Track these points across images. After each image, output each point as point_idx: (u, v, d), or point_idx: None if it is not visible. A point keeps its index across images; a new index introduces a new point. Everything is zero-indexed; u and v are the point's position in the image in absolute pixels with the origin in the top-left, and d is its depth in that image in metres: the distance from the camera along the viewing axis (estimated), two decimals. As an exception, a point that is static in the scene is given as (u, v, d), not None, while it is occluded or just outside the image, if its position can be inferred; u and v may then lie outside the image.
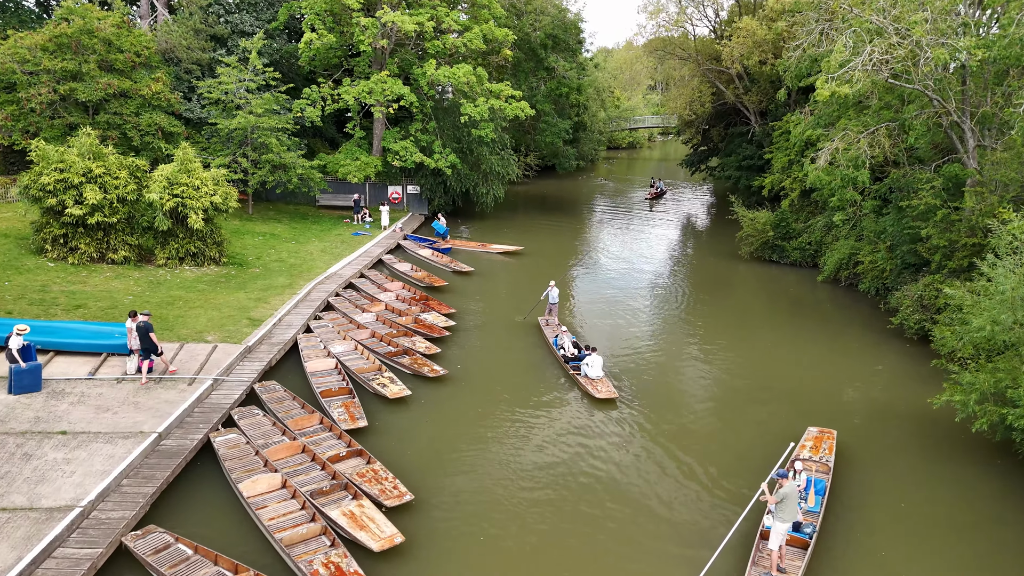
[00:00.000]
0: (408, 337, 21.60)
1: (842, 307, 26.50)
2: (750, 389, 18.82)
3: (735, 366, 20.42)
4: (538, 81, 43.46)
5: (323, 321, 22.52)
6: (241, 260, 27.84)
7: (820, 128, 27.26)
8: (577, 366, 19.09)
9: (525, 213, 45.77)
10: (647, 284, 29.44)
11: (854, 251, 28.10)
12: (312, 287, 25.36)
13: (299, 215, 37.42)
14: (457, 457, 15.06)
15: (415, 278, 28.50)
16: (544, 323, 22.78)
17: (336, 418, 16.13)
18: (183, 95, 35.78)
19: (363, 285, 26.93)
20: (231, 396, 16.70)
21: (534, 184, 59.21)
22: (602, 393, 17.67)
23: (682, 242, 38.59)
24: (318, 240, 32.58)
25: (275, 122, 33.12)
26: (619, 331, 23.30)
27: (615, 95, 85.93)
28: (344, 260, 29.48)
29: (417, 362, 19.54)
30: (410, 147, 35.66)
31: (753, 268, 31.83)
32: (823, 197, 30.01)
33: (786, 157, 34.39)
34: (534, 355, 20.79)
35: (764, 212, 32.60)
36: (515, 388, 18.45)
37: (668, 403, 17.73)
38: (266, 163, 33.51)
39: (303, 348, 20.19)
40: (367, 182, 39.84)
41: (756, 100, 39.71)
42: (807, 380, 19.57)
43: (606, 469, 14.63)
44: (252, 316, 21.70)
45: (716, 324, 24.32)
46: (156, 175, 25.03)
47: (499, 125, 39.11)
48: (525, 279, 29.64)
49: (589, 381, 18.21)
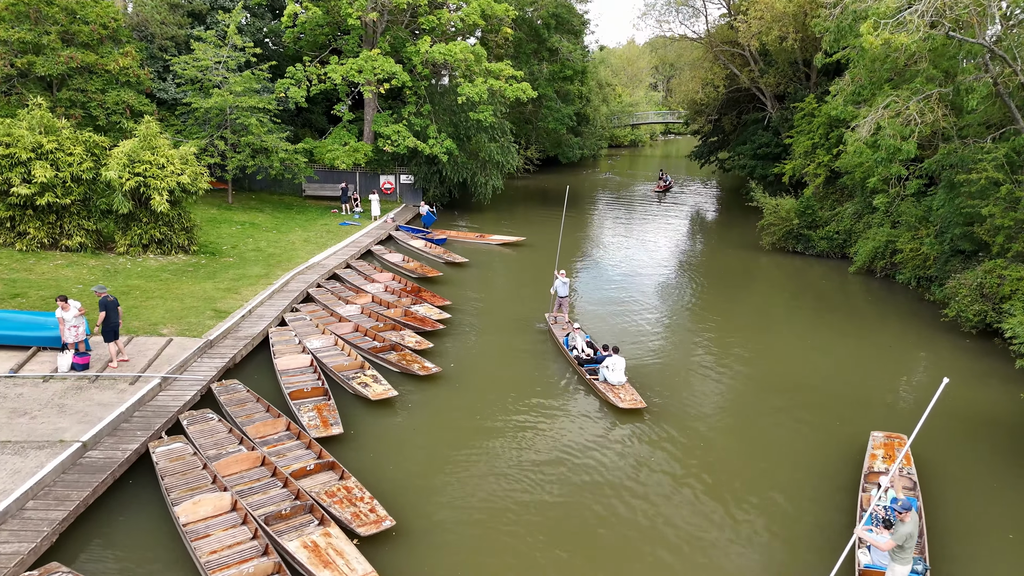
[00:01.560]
0: (396, 331, 18.90)
1: (880, 300, 23.81)
2: (790, 392, 16.11)
3: (768, 367, 17.72)
4: (540, 64, 40.81)
5: (300, 314, 19.80)
6: (214, 249, 25.13)
7: (853, 105, 24.63)
8: (594, 369, 16.19)
9: (526, 206, 43.09)
10: (661, 278, 26.75)
11: (891, 238, 25.47)
12: (290, 277, 22.64)
13: (283, 205, 34.72)
14: (449, 474, 12.33)
15: (407, 269, 25.81)
16: (552, 320, 19.83)
17: (306, 424, 13.41)
18: (157, 74, 33.11)
19: (348, 276, 24.22)
20: (181, 397, 13.97)
21: (535, 178, 56.56)
22: (626, 402, 14.67)
23: (696, 234, 35.90)
24: (302, 230, 29.87)
25: (255, 101, 30.44)
26: (632, 330, 20.58)
27: (616, 91, 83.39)
28: (328, 250, 26.78)
29: (406, 358, 16.83)
30: (403, 131, 32.99)
31: (776, 259, 29.16)
32: (854, 181, 27.49)
33: (809, 141, 31.83)
34: (541, 355, 18.00)
35: (788, 199, 29.96)
36: (519, 392, 15.69)
37: (699, 413, 14.83)
38: (245, 146, 30.81)
39: (274, 343, 17.47)
40: (357, 171, 37.16)
41: (773, 82, 37.11)
42: (853, 381, 16.86)
43: (635, 500, 11.82)
44: (218, 307, 18.98)
45: (740, 320, 21.63)
46: (115, 152, 22.34)
47: (499, 110, 36.45)
48: (527, 271, 26.95)
49: (609, 387, 15.25)
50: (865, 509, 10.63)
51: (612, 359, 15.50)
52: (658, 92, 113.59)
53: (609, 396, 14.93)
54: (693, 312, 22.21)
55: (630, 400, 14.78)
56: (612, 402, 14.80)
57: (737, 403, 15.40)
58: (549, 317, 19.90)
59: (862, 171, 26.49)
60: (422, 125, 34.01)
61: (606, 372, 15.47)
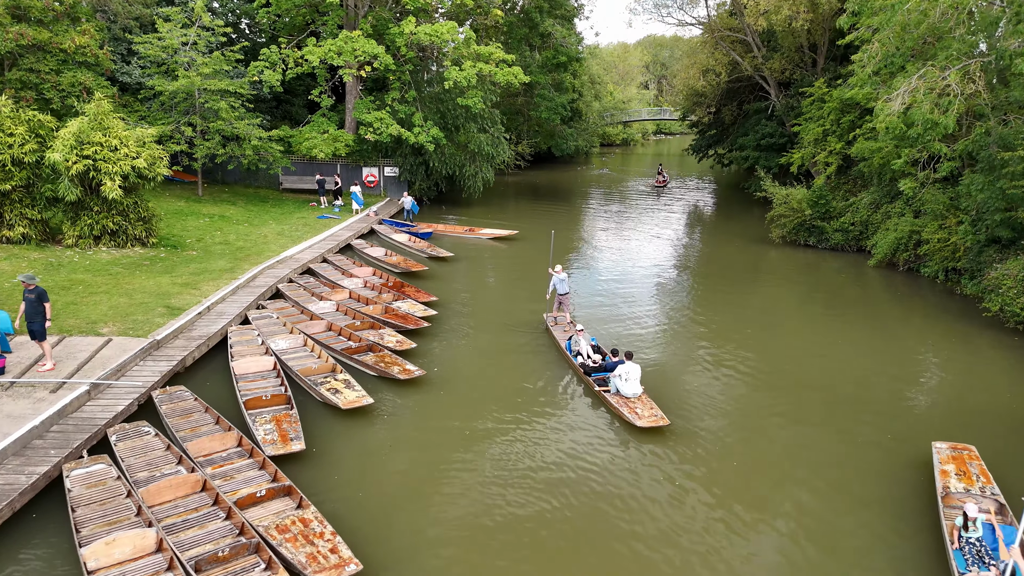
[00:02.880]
0: (375, 330, 16.68)
1: (906, 296, 21.80)
2: (826, 402, 14.02)
3: (793, 371, 15.63)
4: (532, 51, 38.72)
5: (266, 311, 17.54)
6: (176, 242, 22.81)
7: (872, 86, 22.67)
8: (603, 379, 13.90)
9: (517, 202, 40.95)
10: (663, 274, 24.65)
11: (915, 228, 23.51)
12: (258, 272, 20.37)
13: (258, 198, 32.39)
14: (432, 504, 10.13)
15: (389, 263, 23.58)
16: (552, 321, 17.47)
17: (261, 439, 11.17)
18: (121, 57, 30.75)
19: (324, 271, 21.98)
20: (113, 408, 11.70)
21: (526, 174, 54.43)
22: (645, 419, 12.24)
23: (699, 229, 33.83)
24: (276, 223, 27.58)
25: (225, 85, 28.14)
26: (635, 330, 18.46)
27: (608, 88, 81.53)
28: (303, 244, 24.51)
29: (384, 360, 14.62)
30: (386, 119, 30.77)
31: (787, 253, 27.14)
32: (871, 168, 25.53)
33: (819, 128, 29.92)
34: (539, 359, 15.74)
35: (799, 188, 27.98)
36: (514, 403, 13.45)
37: (727, 429, 12.55)
38: (215, 133, 28.50)
39: (233, 343, 15.21)
40: (339, 163, 34.88)
41: (778, 68, 35.19)
42: (891, 386, 14.81)
43: (670, 550, 9.71)
44: (172, 304, 16.69)
45: (753, 318, 19.55)
46: (62, 132, 20.02)
47: (489, 98, 34.30)
48: (521, 266, 24.79)
49: (623, 401, 12.91)
50: (958, 545, 8.51)
51: (625, 367, 13.10)
52: (649, 91, 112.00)
53: (623, 411, 12.50)
54: (700, 310, 20.10)
55: (649, 416, 12.35)
56: (627, 419, 12.32)
57: (767, 415, 13.28)
58: (548, 318, 17.58)
59: (881, 156, 24.60)
60: (407, 113, 31.82)
61: (618, 382, 13.08)
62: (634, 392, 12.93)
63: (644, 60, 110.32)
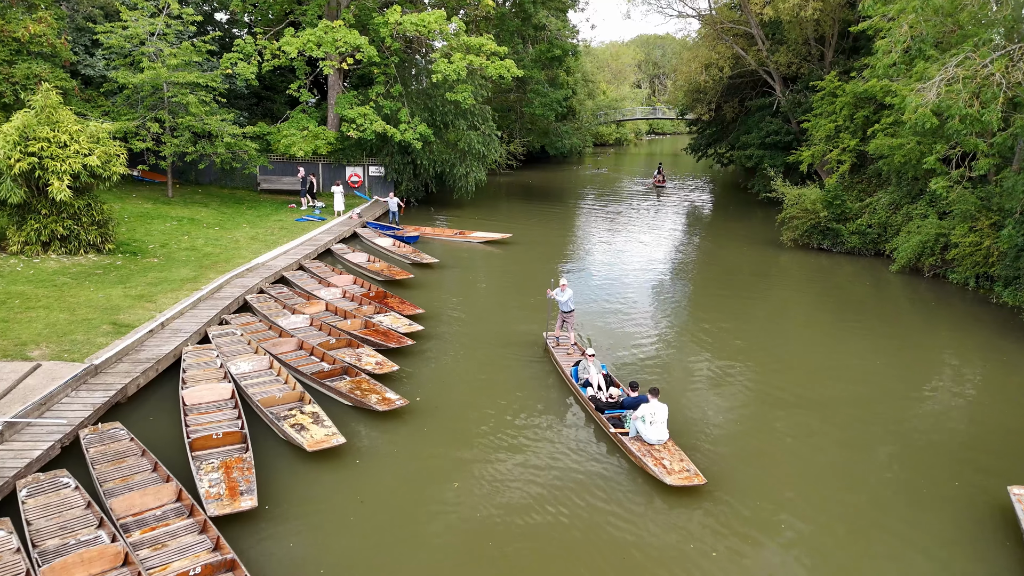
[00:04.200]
0: (353, 348, 14.73)
1: (935, 305, 20.01)
2: (873, 438, 12.17)
3: (830, 395, 13.79)
4: (525, 44, 36.80)
5: (229, 327, 15.53)
6: (137, 248, 20.77)
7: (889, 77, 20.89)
8: (619, 417, 11.54)
9: (510, 203, 39.04)
10: (669, 282, 22.81)
11: (941, 231, 21.75)
12: (224, 281, 18.36)
13: (233, 200, 30.32)
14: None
15: (371, 270, 21.59)
16: (553, 342, 15.17)
17: (205, 492, 9.19)
18: (84, 48, 28.62)
19: (299, 279, 19.98)
20: (27, 454, 9.71)
21: (518, 175, 52.52)
22: (675, 475, 9.78)
23: (705, 231, 31.97)
24: (250, 226, 25.54)
25: (195, 77, 26.08)
26: (638, 342, 16.60)
27: (601, 87, 79.76)
28: (278, 249, 22.50)
29: (361, 387, 12.65)
30: (370, 114, 28.78)
31: (799, 258, 25.33)
32: (891, 166, 23.76)
33: (831, 124, 28.14)
34: (539, 386, 13.69)
35: (813, 188, 26.19)
36: (510, 443, 11.41)
37: (772, 476, 10.57)
38: (185, 130, 26.43)
39: (187, 367, 13.22)
40: (320, 162, 32.86)
41: (784, 62, 33.42)
42: (932, 409, 12.98)
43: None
44: (120, 320, 14.67)
45: (772, 330, 17.72)
46: (4, 127, 17.98)
47: (479, 94, 32.37)
48: (517, 273, 22.90)
49: (646, 449, 10.49)
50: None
51: (650, 407, 10.70)
52: (642, 90, 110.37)
53: (647, 463, 10.12)
54: (712, 320, 18.20)
55: (680, 472, 9.89)
56: (652, 472, 9.97)
57: (812, 453, 11.40)
58: (549, 338, 15.36)
59: (902, 153, 22.85)
60: (392, 108, 29.83)
61: (640, 426, 10.73)
62: (659, 438, 10.59)
63: (637, 58, 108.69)
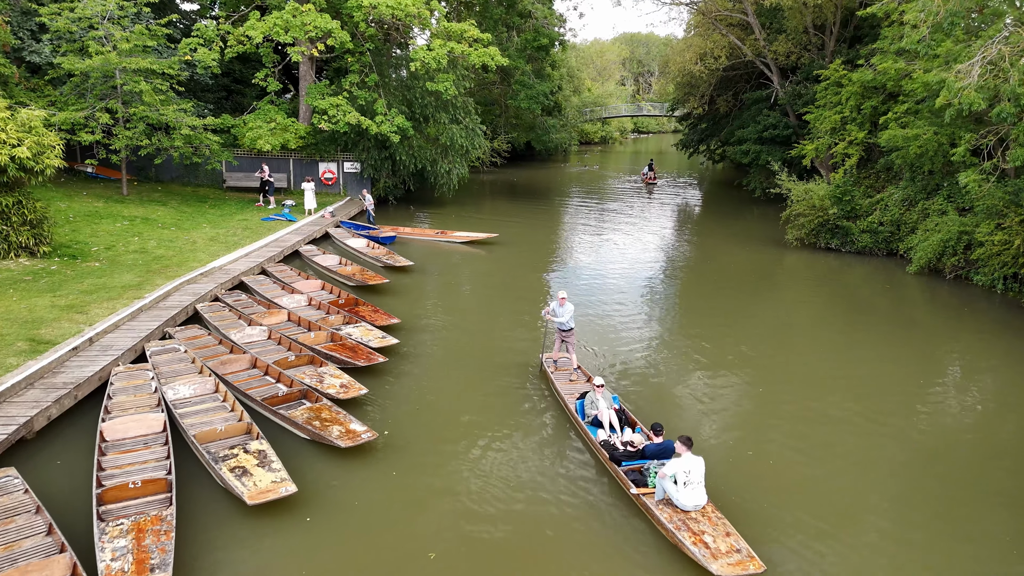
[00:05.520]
0: (315, 367, 12.66)
1: (959, 310, 18.28)
2: (935, 479, 10.32)
3: (842, 411, 11.94)
4: (509, 32, 34.80)
5: (172, 343, 13.38)
6: (78, 251, 18.53)
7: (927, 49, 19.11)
8: (640, 470, 8.94)
9: (494, 201, 37.02)
10: (667, 286, 20.94)
11: (965, 229, 20.05)
12: (172, 288, 16.19)
13: (196, 198, 28.04)
14: None
15: (342, 274, 19.48)
16: (551, 365, 12.80)
17: (104, 569, 7.09)
18: (30, 34, 26.22)
19: (260, 285, 17.83)
20: None
21: (503, 172, 50.45)
22: (723, 560, 7.30)
23: (701, 230, 30.09)
24: (210, 226, 23.32)
25: (150, 63, 23.81)
26: (637, 356, 14.68)
27: (586, 84, 77.95)
28: (239, 251, 20.33)
29: (322, 416, 10.59)
30: (343, 105, 26.64)
31: (806, 258, 23.55)
32: (908, 159, 22.04)
33: (837, 115, 26.39)
34: (538, 421, 11.42)
35: (821, 183, 24.45)
36: (500, 495, 9.24)
37: (831, 548, 8.48)
38: (138, 121, 24.15)
39: (114, 392, 11.10)
40: (291, 157, 30.66)
41: (783, 51, 31.68)
42: (972, 437, 11.17)
43: None
44: (39, 335, 12.50)
45: (779, 338, 15.89)
46: (-82, 114, 15.72)
47: (461, 85, 30.33)
48: (503, 277, 20.92)
49: (681, 519, 7.97)
50: None
51: (683, 462, 8.07)
52: (627, 88, 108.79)
53: (683, 540, 7.59)
54: (709, 324, 16.30)
55: (729, 555, 7.37)
56: (690, 554, 7.50)
57: (846, 488, 9.50)
58: (546, 361, 12.94)
59: (919, 144, 21.13)
60: (368, 99, 27.71)
61: (669, 487, 8.12)
62: (696, 503, 8.09)
63: (622, 55, 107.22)
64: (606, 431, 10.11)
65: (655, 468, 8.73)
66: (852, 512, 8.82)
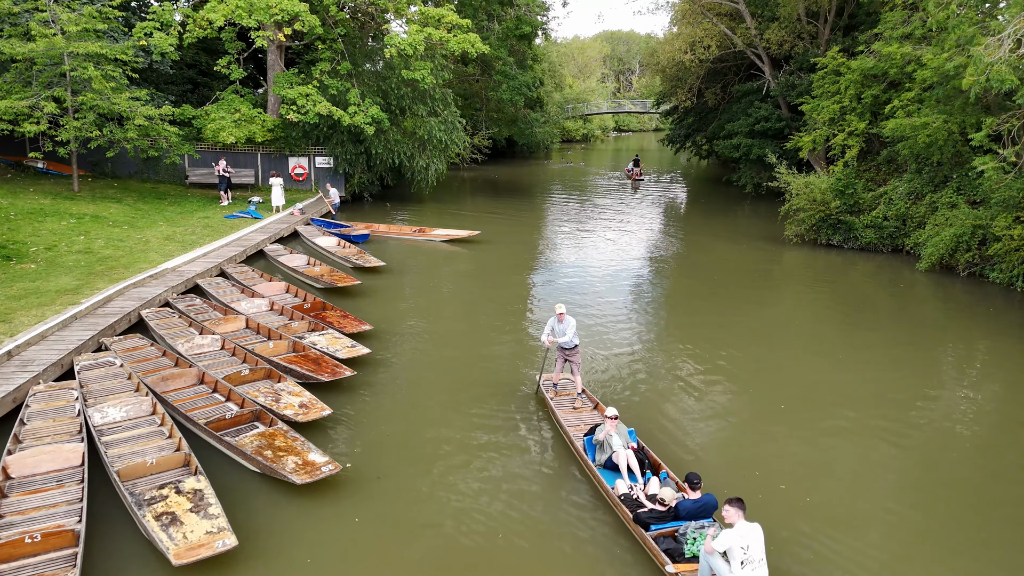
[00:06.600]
0: (272, 382, 10.98)
1: (974, 309, 17.01)
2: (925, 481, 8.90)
3: (854, 423, 10.53)
4: (490, 20, 33.20)
5: (107, 355, 11.62)
6: (14, 251, 16.64)
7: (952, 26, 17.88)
8: (674, 535, 7.00)
9: (475, 199, 35.39)
10: (660, 286, 19.50)
11: (979, 222, 18.81)
12: (115, 292, 14.39)
13: (155, 195, 26.09)
14: None
15: (309, 276, 17.75)
16: (551, 391, 10.75)
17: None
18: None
19: (217, 288, 16.06)
20: None
21: (484, 169, 48.82)
22: None
23: (692, 227, 28.64)
24: (167, 224, 21.46)
25: (100, 48, 21.90)
26: (626, 361, 13.17)
27: (567, 80, 76.58)
28: (197, 251, 18.53)
29: (276, 444, 8.93)
30: (313, 94, 24.89)
31: (806, 255, 22.22)
32: (916, 149, 20.79)
33: (836, 105, 25.14)
34: (537, 459, 9.43)
35: (822, 176, 23.14)
36: (491, 557, 7.50)
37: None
38: (88, 111, 22.22)
39: (30, 416, 9.37)
40: (259, 151, 28.81)
41: (776, 40, 30.39)
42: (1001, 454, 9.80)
43: None
44: (-54, 350, 10.68)
45: (781, 342, 14.49)
46: None
47: (440, 76, 28.66)
48: (488, 280, 19.34)
49: None
50: None
51: (738, 532, 6.10)
52: (608, 86, 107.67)
53: None
54: (704, 327, 14.84)
55: None
56: None
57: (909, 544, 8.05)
58: (545, 384, 10.99)
59: (927, 134, 19.89)
60: (340, 89, 25.96)
61: (719, 565, 6.17)
62: None
63: (603, 52, 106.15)
64: (624, 480, 8.08)
65: (692, 532, 6.84)
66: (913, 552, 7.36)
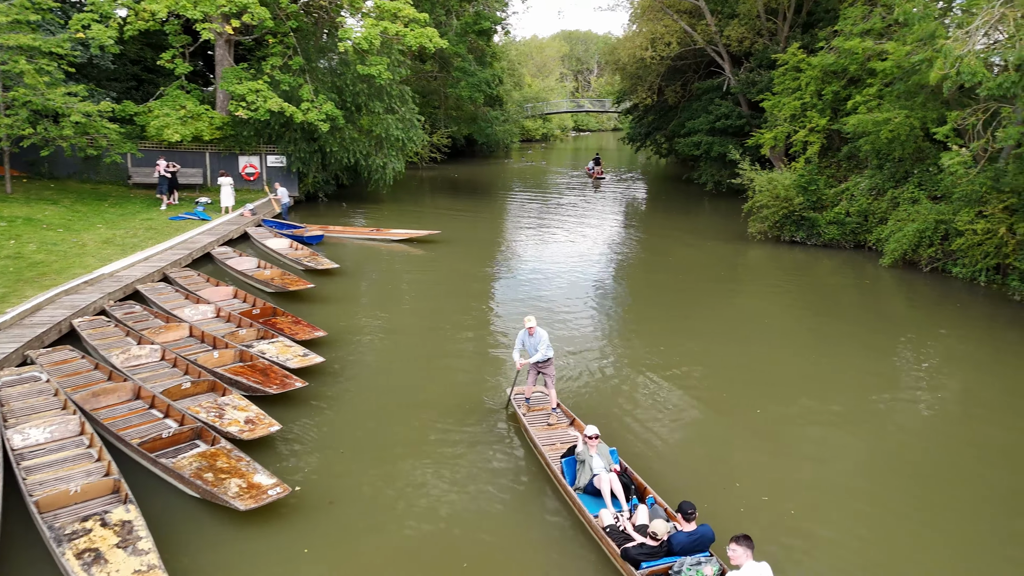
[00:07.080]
0: (216, 396, 10.14)
1: (939, 304, 16.95)
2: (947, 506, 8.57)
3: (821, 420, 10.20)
4: (448, 15, 32.41)
5: (32, 369, 10.61)
6: (-67, 257, 15.38)
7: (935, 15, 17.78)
8: (664, 572, 6.34)
9: (434, 198, 34.63)
10: (621, 286, 19.10)
11: (942, 217, 18.81)
12: (45, 300, 13.32)
13: (95, 196, 24.70)
14: None
15: (259, 279, 16.79)
16: (523, 407, 9.97)
17: None
18: None
19: (159, 295, 15.03)
20: None
21: (443, 169, 47.98)
22: None
23: (654, 225, 28.32)
24: (107, 227, 20.24)
25: (31, 40, 20.57)
26: (588, 364, 12.67)
27: (526, 79, 76.09)
28: (138, 255, 17.42)
29: (218, 466, 8.13)
30: (264, 90, 23.84)
31: (770, 252, 22.04)
32: (878, 145, 20.77)
33: (797, 102, 25.07)
34: (510, 480, 8.58)
35: (785, 172, 23.02)
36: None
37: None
38: (20, 107, 20.86)
39: (-65, 443, 8.36)
40: (207, 150, 27.58)
41: (736, 36, 30.30)
42: (962, 436, 9.55)
43: None
44: None
45: (746, 340, 14.17)
46: None
47: (397, 72, 27.79)
48: (448, 281, 18.65)
49: None
50: None
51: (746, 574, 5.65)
52: (567, 85, 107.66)
53: None
54: (668, 327, 14.43)
55: None
56: None
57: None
58: (516, 399, 10.20)
59: (889, 129, 19.85)
60: (292, 84, 24.94)
61: None
62: None
63: (561, 52, 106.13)
64: (609, 508, 7.30)
65: (689, 569, 6.20)
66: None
